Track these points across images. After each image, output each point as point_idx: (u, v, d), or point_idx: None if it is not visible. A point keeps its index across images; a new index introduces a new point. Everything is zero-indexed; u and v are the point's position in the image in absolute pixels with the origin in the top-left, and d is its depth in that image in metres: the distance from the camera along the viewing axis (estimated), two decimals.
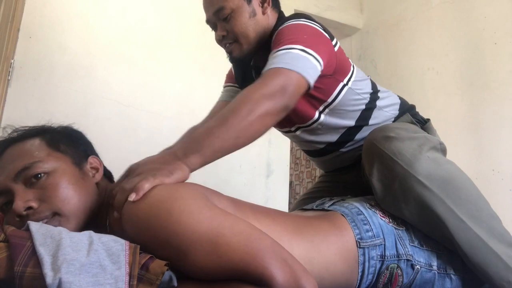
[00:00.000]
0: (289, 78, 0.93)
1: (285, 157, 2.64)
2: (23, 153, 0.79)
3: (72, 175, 0.80)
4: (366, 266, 0.89)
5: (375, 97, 1.19)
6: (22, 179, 0.76)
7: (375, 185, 1.01)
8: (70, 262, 0.59)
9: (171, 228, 0.66)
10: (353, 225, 0.91)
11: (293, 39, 1.01)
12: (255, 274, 0.62)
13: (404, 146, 0.98)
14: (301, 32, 1.05)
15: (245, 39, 1.13)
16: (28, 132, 0.84)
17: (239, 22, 1.12)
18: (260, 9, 1.16)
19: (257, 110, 0.86)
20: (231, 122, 0.84)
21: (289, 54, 0.97)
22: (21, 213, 0.73)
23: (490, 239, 0.94)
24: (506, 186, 2.00)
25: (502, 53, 2.13)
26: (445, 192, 0.94)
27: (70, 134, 0.89)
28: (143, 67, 2.28)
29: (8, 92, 1.93)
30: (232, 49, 1.15)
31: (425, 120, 1.22)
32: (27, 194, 0.75)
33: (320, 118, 1.14)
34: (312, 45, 1.00)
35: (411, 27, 2.67)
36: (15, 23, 1.94)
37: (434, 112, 2.33)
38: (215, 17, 1.14)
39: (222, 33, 1.14)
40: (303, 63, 0.96)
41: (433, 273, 0.95)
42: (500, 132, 2.08)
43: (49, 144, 0.82)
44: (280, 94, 0.90)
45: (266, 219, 0.84)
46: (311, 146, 1.24)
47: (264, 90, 0.89)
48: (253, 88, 0.91)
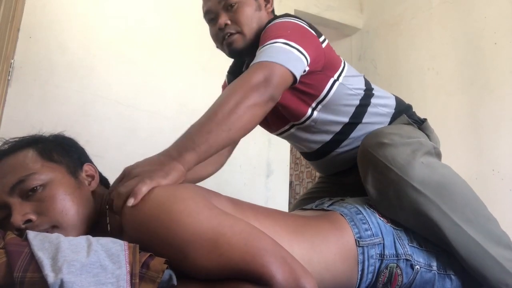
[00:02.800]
0: (271, 70, 0.93)
1: (285, 157, 2.64)
2: (16, 166, 0.77)
3: (68, 185, 0.79)
4: (365, 265, 0.89)
5: (369, 94, 1.19)
6: (18, 192, 0.75)
7: (370, 192, 1.01)
8: (70, 263, 0.59)
9: (172, 229, 0.66)
10: (352, 225, 0.92)
11: (277, 34, 1.02)
12: (255, 273, 0.62)
13: (398, 153, 0.97)
14: (284, 28, 1.06)
15: (249, 30, 1.13)
16: (19, 144, 0.82)
17: (246, 12, 1.13)
18: (264, 7, 1.19)
19: (245, 102, 0.87)
20: (221, 116, 0.84)
21: (272, 48, 0.98)
22: (20, 227, 0.72)
23: (486, 242, 0.93)
24: (506, 186, 2.00)
25: (502, 53, 2.13)
26: (440, 197, 0.94)
27: (62, 142, 0.87)
28: (143, 67, 2.29)
29: (8, 92, 1.93)
30: (233, 40, 1.14)
31: (422, 120, 1.22)
32: (24, 207, 0.74)
33: (313, 115, 1.14)
34: (296, 39, 1.01)
35: (411, 27, 2.67)
36: (15, 23, 1.94)
37: (434, 112, 2.34)
38: (219, 6, 1.13)
39: (225, 21, 1.12)
40: (285, 55, 0.97)
41: (433, 273, 0.95)
42: (500, 132, 2.08)
43: (42, 154, 0.80)
44: (264, 85, 0.91)
45: (266, 219, 0.84)
46: (307, 146, 1.24)
47: (248, 83, 0.90)
48: (238, 81, 0.92)
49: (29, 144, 0.82)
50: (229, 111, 0.85)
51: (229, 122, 0.84)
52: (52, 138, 0.87)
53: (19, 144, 0.82)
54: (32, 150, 0.81)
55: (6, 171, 0.77)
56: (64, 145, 0.86)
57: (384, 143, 1.00)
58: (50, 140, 0.86)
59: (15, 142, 0.83)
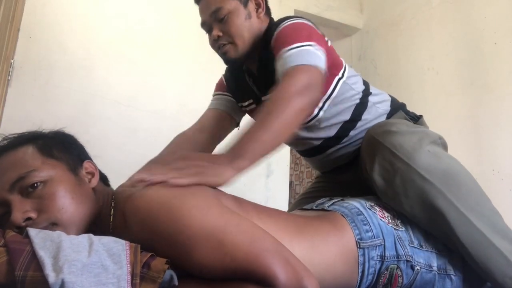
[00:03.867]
0: (311, 73, 0.99)
1: (285, 157, 2.64)
2: (16, 163, 0.77)
3: (69, 182, 0.79)
4: (366, 266, 0.89)
5: (368, 93, 1.21)
6: (18, 189, 0.74)
7: (376, 180, 1.01)
8: (71, 263, 0.59)
9: (179, 223, 0.67)
10: (353, 226, 0.92)
11: (298, 36, 1.06)
12: (258, 274, 0.63)
13: (405, 140, 0.98)
14: (302, 30, 1.10)
15: (240, 40, 1.16)
16: (19, 140, 0.82)
17: (236, 23, 1.15)
18: (255, 13, 1.20)
19: (291, 109, 0.91)
20: (270, 125, 0.89)
21: (302, 51, 1.02)
22: (20, 225, 0.72)
23: (492, 234, 0.93)
24: (506, 186, 2.00)
25: (502, 53, 2.13)
26: (446, 186, 0.94)
27: (62, 139, 0.86)
28: (143, 67, 2.29)
29: (8, 92, 1.93)
30: (227, 50, 1.17)
31: (418, 116, 1.24)
32: (24, 205, 0.73)
33: (319, 114, 1.16)
34: (316, 40, 1.06)
35: (411, 27, 2.67)
36: (15, 23, 1.94)
37: (434, 112, 2.34)
38: (211, 19, 1.17)
39: (217, 34, 1.16)
40: (316, 57, 1.02)
41: (433, 274, 0.94)
42: (500, 132, 2.08)
43: (42, 151, 0.80)
44: (308, 89, 0.96)
45: (268, 219, 0.84)
46: (307, 144, 1.25)
47: (293, 88, 0.94)
48: (282, 88, 0.96)
49: (29, 140, 0.81)
50: (278, 119, 0.90)
51: (277, 130, 0.90)
52: (52, 134, 0.87)
53: (19, 140, 0.82)
54: (32, 146, 0.80)
55: (6, 168, 0.76)
56: (64, 142, 0.86)
57: (391, 131, 1.00)
58: (50, 136, 0.85)
59: (14, 138, 0.83)
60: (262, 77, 1.20)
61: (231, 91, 1.35)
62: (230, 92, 1.35)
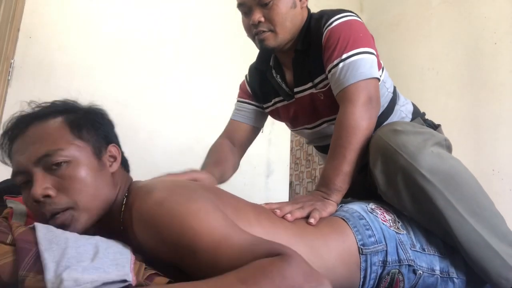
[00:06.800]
0: (369, 87, 1.06)
1: (285, 157, 2.65)
2: (46, 136, 0.77)
3: (91, 167, 0.79)
4: (368, 272, 0.89)
5: (395, 97, 1.23)
6: (43, 164, 0.75)
7: (378, 177, 1.01)
8: (72, 268, 0.60)
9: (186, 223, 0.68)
10: (355, 231, 0.91)
11: (356, 40, 1.09)
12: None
13: (409, 140, 0.98)
14: (356, 31, 1.11)
15: (282, 29, 1.13)
16: (50, 109, 0.82)
17: (281, 11, 1.12)
18: (299, 3, 1.17)
19: (360, 134, 1.03)
20: (348, 155, 1.02)
21: (359, 62, 1.07)
22: (39, 199, 0.73)
23: (490, 236, 0.94)
24: (506, 186, 2.00)
25: (502, 53, 2.13)
26: (447, 187, 0.94)
27: (93, 117, 0.86)
28: (143, 67, 2.28)
29: (8, 92, 1.93)
30: (265, 37, 1.14)
31: (436, 125, 1.25)
32: (46, 181, 0.74)
33: None
34: (369, 43, 1.09)
35: (411, 27, 2.67)
36: (15, 23, 1.94)
37: (434, 112, 2.33)
38: (254, 1, 1.12)
39: (259, 19, 1.12)
40: (372, 67, 1.07)
41: (436, 277, 0.94)
42: (500, 131, 2.08)
43: (72, 128, 0.80)
44: (369, 105, 1.05)
45: (268, 222, 0.85)
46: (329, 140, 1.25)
47: (357, 114, 1.04)
48: (347, 114, 1.05)
49: (61, 112, 0.82)
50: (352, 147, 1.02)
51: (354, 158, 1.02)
52: (85, 111, 0.87)
53: (51, 110, 0.82)
54: (63, 120, 0.81)
55: (35, 139, 0.77)
56: (94, 122, 0.85)
57: (396, 130, 1.01)
58: (82, 112, 0.85)
59: (47, 106, 0.83)
60: (298, 70, 1.19)
61: (254, 93, 1.34)
62: (253, 93, 1.34)
